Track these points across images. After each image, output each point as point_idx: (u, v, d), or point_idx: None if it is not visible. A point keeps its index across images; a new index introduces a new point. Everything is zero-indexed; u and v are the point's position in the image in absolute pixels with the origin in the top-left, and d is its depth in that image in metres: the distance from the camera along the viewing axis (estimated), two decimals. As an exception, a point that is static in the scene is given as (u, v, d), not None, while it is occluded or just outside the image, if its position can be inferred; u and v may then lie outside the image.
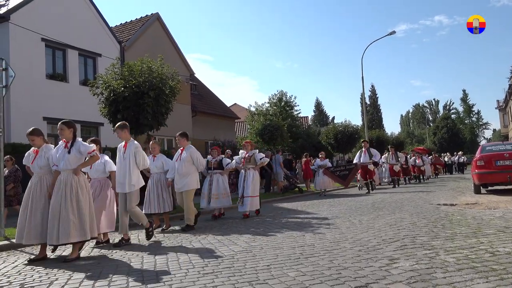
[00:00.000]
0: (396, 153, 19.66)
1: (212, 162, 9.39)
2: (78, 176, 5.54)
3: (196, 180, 7.79)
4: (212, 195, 9.07)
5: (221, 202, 9.22)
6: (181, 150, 7.91)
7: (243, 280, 3.74)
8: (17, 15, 15.09)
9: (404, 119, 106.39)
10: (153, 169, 8.10)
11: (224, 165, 9.34)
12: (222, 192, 9.19)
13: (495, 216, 6.93)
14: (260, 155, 9.46)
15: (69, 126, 5.78)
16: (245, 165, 9.32)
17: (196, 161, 7.80)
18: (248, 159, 9.30)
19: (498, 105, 52.83)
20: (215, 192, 9.10)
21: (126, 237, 6.46)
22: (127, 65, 10.21)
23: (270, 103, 35.54)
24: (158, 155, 8.29)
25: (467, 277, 3.39)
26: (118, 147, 6.69)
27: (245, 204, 9.00)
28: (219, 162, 9.37)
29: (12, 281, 4.33)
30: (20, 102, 14.79)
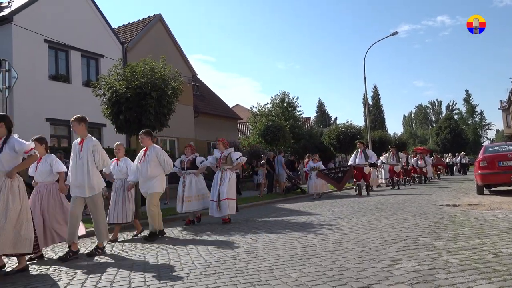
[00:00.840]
0: (397, 153, 19.04)
1: (185, 161, 8.73)
2: (12, 180, 4.70)
3: (162, 183, 7.04)
4: (185, 198, 8.38)
5: (194, 205, 8.48)
6: (145, 151, 7.07)
7: (245, 280, 3.74)
8: (20, 16, 15.14)
9: (407, 120, 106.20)
10: (116, 174, 7.38)
11: (198, 164, 8.64)
12: (196, 194, 8.48)
13: (498, 217, 6.91)
14: (236, 154, 8.64)
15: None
16: (221, 166, 8.54)
17: (163, 162, 6.98)
18: (224, 159, 8.55)
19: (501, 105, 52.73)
20: (188, 195, 8.40)
21: (75, 248, 5.56)
22: (130, 66, 10.22)
23: (272, 104, 35.62)
24: (122, 158, 7.47)
25: (469, 278, 3.38)
26: (73, 144, 5.93)
27: (223, 207, 8.22)
28: (192, 161, 8.66)
29: (15, 282, 4.34)
30: (22, 103, 14.83)
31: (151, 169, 6.86)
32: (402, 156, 19.20)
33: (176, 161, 8.92)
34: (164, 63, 10.35)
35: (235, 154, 8.62)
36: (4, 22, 15.02)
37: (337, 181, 15.05)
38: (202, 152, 23.31)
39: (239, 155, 8.62)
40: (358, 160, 14.57)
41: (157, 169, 6.95)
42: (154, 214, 6.80)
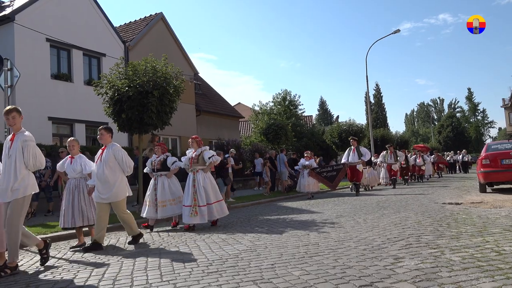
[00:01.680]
0: (395, 152, 18.51)
1: (155, 162, 7.98)
2: None
3: (125, 186, 6.27)
4: (158, 203, 7.68)
5: (170, 210, 7.76)
6: (102, 149, 6.29)
7: (248, 279, 3.74)
8: (22, 15, 15.16)
9: (409, 118, 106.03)
10: (70, 173, 6.62)
11: (170, 165, 7.88)
12: (170, 198, 7.76)
13: (500, 215, 6.89)
14: (209, 153, 7.76)
15: None
16: (192, 166, 7.67)
17: (122, 163, 6.18)
18: (196, 158, 7.69)
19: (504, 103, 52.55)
20: (161, 199, 7.69)
21: (13, 264, 4.69)
22: (131, 64, 10.23)
23: (274, 102, 35.63)
24: (76, 155, 6.66)
25: (472, 276, 3.37)
26: (5, 141, 5.18)
27: (202, 214, 7.37)
28: (162, 162, 7.90)
29: (18, 280, 4.35)
30: (25, 102, 14.84)
31: (108, 170, 6.09)
32: (400, 155, 18.78)
33: (148, 161, 8.31)
34: (166, 62, 10.35)
35: (208, 153, 7.78)
36: (6, 21, 15.05)
37: (330, 180, 14.33)
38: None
39: (212, 154, 7.75)
40: (351, 158, 14.04)
41: (115, 170, 6.14)
42: (127, 218, 6.30)
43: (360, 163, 13.92)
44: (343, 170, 14.24)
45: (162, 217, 7.83)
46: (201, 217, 7.37)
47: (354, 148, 14.10)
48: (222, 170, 11.85)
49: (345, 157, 14.30)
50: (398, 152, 18.90)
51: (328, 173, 14.38)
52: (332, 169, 14.62)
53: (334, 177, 14.26)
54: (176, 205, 7.78)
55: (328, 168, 15.05)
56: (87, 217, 6.46)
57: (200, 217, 7.36)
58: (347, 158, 14.13)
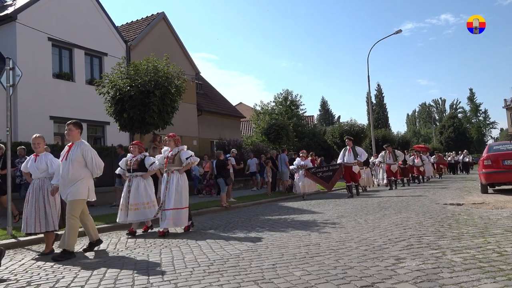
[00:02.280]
0: (394, 152, 17.71)
1: (131, 161, 7.44)
2: None
3: (87, 188, 5.68)
4: (130, 206, 7.15)
5: (142, 214, 7.21)
6: (69, 147, 5.76)
7: (249, 279, 3.74)
8: (24, 14, 15.18)
9: (411, 118, 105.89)
10: (34, 173, 6.04)
11: (147, 165, 7.38)
12: (144, 201, 7.23)
13: (502, 215, 6.88)
14: (187, 153, 7.29)
15: None
16: (167, 167, 7.20)
17: (91, 163, 5.66)
18: (172, 158, 7.20)
19: (506, 104, 52.52)
20: (134, 202, 7.17)
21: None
22: (133, 64, 10.24)
23: (275, 102, 35.64)
24: (42, 153, 6.12)
25: (474, 277, 3.37)
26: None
27: (165, 219, 6.91)
28: (139, 162, 7.38)
29: (19, 279, 4.36)
30: (27, 101, 14.89)
31: (74, 170, 5.56)
32: (399, 155, 18.11)
33: (122, 160, 7.76)
34: (168, 62, 10.36)
35: (185, 153, 7.27)
36: (8, 20, 15.08)
37: (326, 180, 13.81)
38: (206, 150, 23.47)
39: (190, 154, 7.26)
40: (347, 158, 13.57)
41: (81, 171, 5.63)
42: (73, 226, 5.52)
43: (356, 163, 13.49)
44: (340, 170, 13.75)
45: (132, 221, 7.23)
46: (168, 221, 6.86)
47: (349, 148, 13.69)
48: (223, 170, 11.85)
49: (341, 157, 13.85)
50: (397, 151, 18.23)
51: (324, 173, 13.92)
52: (328, 169, 14.13)
53: (330, 177, 13.79)
54: (149, 209, 7.25)
55: (324, 168, 14.53)
56: (52, 222, 5.85)
57: (167, 221, 6.86)
58: (343, 158, 13.71)
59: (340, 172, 13.74)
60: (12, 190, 7.55)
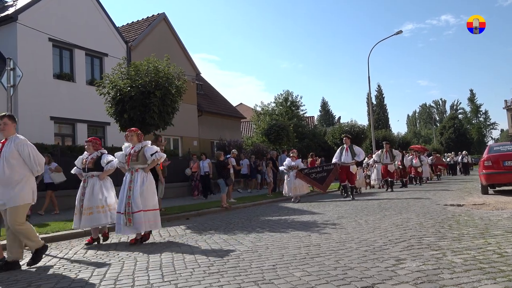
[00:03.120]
0: (391, 151, 16.57)
1: (86, 160, 6.68)
2: None
3: (31, 190, 5.03)
4: (84, 210, 6.36)
5: (96, 219, 6.40)
6: (2, 143, 5.08)
7: (249, 279, 3.73)
8: (24, 15, 15.20)
9: (411, 119, 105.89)
10: None
11: (104, 163, 6.61)
12: (99, 205, 6.44)
13: (503, 216, 6.88)
14: (151, 149, 6.51)
15: None
16: (130, 165, 6.45)
17: (29, 159, 4.99)
18: (135, 155, 6.42)
19: (506, 105, 52.55)
20: (88, 205, 6.37)
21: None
22: (134, 64, 10.24)
23: (276, 103, 35.65)
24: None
25: (474, 278, 3.36)
26: None
27: (136, 222, 6.14)
28: (95, 161, 6.62)
29: (19, 279, 4.36)
30: (27, 101, 14.90)
31: (9, 169, 4.87)
32: (397, 154, 17.01)
33: (77, 159, 6.92)
34: (168, 62, 10.37)
35: (150, 149, 6.52)
36: (9, 21, 15.10)
37: (320, 181, 12.98)
38: (206, 151, 23.44)
39: (155, 150, 6.51)
40: (344, 157, 12.84)
41: (19, 169, 4.93)
42: (26, 231, 4.94)
43: (354, 163, 12.84)
44: (334, 171, 13.04)
45: (85, 228, 6.60)
46: (136, 226, 6.19)
47: (347, 147, 12.93)
48: (223, 171, 11.84)
49: (337, 156, 13.10)
50: (394, 151, 17.08)
51: (318, 174, 13.06)
52: (322, 170, 13.30)
53: (324, 178, 12.97)
54: (104, 213, 6.47)
55: (317, 168, 13.68)
56: None
57: (135, 226, 6.18)
58: (339, 157, 12.98)
59: (335, 173, 13.08)
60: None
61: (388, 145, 16.84)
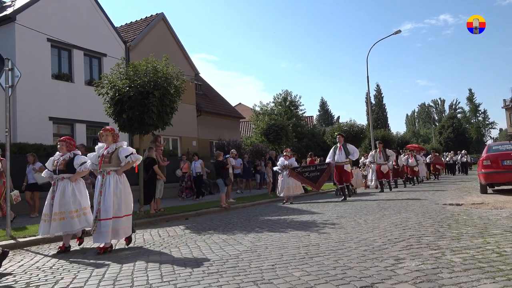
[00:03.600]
0: (385, 151, 16.29)
1: (57, 161, 6.19)
2: None
3: None
4: (54, 215, 5.88)
5: (68, 224, 5.91)
6: None
7: (248, 279, 3.73)
8: (23, 15, 15.18)
9: (410, 119, 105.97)
10: None
11: (77, 165, 6.15)
12: (71, 209, 5.96)
13: (501, 216, 6.88)
14: (126, 150, 6.03)
15: None
16: (102, 167, 5.94)
17: None
18: (108, 157, 5.94)
19: (505, 104, 52.53)
20: (58, 210, 5.89)
21: None
22: (132, 65, 10.22)
23: (275, 102, 35.63)
24: None
25: (473, 277, 3.37)
26: None
27: (103, 230, 5.61)
28: (68, 162, 6.15)
29: (18, 280, 4.35)
30: (26, 102, 14.88)
31: None
32: (391, 154, 16.67)
33: (48, 160, 6.44)
34: (167, 62, 10.35)
35: (124, 150, 6.04)
36: (7, 21, 15.07)
37: (313, 181, 12.71)
38: (204, 151, 23.42)
39: (130, 152, 6.02)
40: (338, 157, 12.45)
41: None
42: None
43: (348, 162, 12.48)
44: (328, 170, 12.78)
45: (55, 234, 6.07)
46: (101, 235, 5.61)
47: (340, 145, 12.56)
48: (222, 171, 11.84)
49: (330, 156, 12.72)
50: (388, 151, 16.80)
51: (311, 173, 12.83)
52: (315, 169, 13.03)
53: (318, 177, 12.75)
54: (78, 218, 5.98)
55: (310, 167, 13.40)
56: None
57: (100, 234, 5.62)
58: (333, 157, 12.59)
59: (328, 172, 12.84)
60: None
61: (381, 144, 16.59)
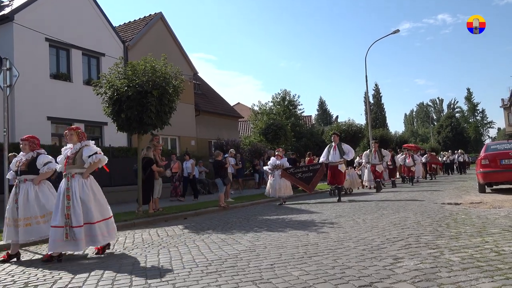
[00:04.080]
0: (380, 150, 16.02)
1: (19, 161, 5.79)
2: None
3: None
4: (20, 221, 5.51)
5: (35, 231, 5.56)
6: None
7: (247, 279, 3.73)
8: (21, 15, 15.14)
9: (408, 118, 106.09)
10: None
11: (40, 165, 5.70)
12: (37, 214, 5.57)
13: (500, 215, 6.89)
14: (90, 149, 5.56)
15: None
16: (67, 169, 5.48)
17: None
18: (72, 158, 5.50)
19: (503, 103, 52.63)
20: (24, 216, 5.53)
21: None
22: (131, 64, 10.20)
23: (273, 102, 35.63)
24: None
25: (472, 276, 3.37)
26: None
27: (78, 238, 5.20)
28: (30, 162, 5.72)
29: (16, 280, 4.34)
30: (24, 101, 14.85)
31: None
32: (386, 154, 16.48)
33: (12, 161, 6.06)
34: (165, 62, 10.34)
35: (88, 149, 5.56)
36: (5, 20, 15.04)
37: (306, 181, 12.24)
38: (203, 151, 23.42)
39: (94, 151, 5.54)
40: (332, 156, 11.98)
41: None
42: None
43: (342, 162, 12.07)
44: (321, 170, 12.25)
45: (24, 241, 5.70)
46: (75, 243, 5.21)
47: (335, 145, 12.09)
48: (221, 170, 11.84)
49: (324, 155, 12.26)
50: (383, 150, 16.53)
51: (304, 174, 12.33)
52: (308, 169, 12.55)
53: (311, 178, 12.24)
54: (46, 223, 5.58)
55: (303, 168, 12.94)
56: None
57: (75, 242, 5.20)
58: (327, 156, 12.14)
59: (321, 172, 12.31)
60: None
61: (377, 144, 16.34)
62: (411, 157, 19.74)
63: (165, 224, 8.51)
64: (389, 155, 16.94)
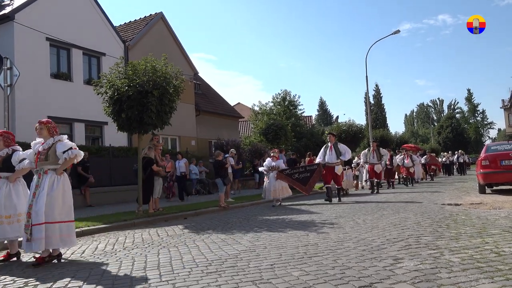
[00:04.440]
0: (379, 150, 15.75)
1: None
2: None
3: None
4: None
5: (1, 231, 5.28)
6: None
7: (247, 279, 3.73)
8: (21, 14, 15.15)
9: (409, 119, 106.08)
10: None
11: (15, 163, 5.51)
12: (6, 214, 5.30)
13: (500, 216, 6.89)
14: (64, 145, 5.32)
15: None
16: (38, 165, 5.23)
17: None
18: (44, 153, 5.25)
19: (503, 104, 52.60)
20: None
21: None
22: (131, 64, 10.20)
23: (274, 102, 35.65)
24: None
25: (472, 277, 3.37)
26: None
27: (35, 237, 4.89)
28: (5, 159, 5.52)
29: (16, 279, 4.35)
30: (24, 101, 14.85)
31: None
32: (385, 154, 16.10)
33: None
34: (166, 62, 10.33)
35: (62, 144, 5.32)
36: (5, 20, 15.05)
37: (303, 182, 11.94)
38: (203, 151, 23.42)
39: (68, 147, 5.29)
40: (328, 157, 11.81)
41: None
42: None
43: (339, 163, 11.87)
44: (318, 171, 11.95)
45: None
46: (36, 242, 4.89)
47: (331, 145, 11.92)
48: (221, 170, 11.83)
49: (321, 156, 12.01)
50: (382, 150, 16.20)
51: (300, 175, 12.01)
52: (304, 170, 12.24)
53: (308, 179, 11.93)
54: (11, 224, 5.32)
55: (300, 168, 12.63)
56: None
57: (35, 241, 4.88)
58: (323, 157, 11.91)
59: (319, 173, 12.01)
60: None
61: (376, 144, 16.17)
62: (410, 158, 19.46)
63: (165, 224, 8.50)
64: (387, 155, 16.68)
